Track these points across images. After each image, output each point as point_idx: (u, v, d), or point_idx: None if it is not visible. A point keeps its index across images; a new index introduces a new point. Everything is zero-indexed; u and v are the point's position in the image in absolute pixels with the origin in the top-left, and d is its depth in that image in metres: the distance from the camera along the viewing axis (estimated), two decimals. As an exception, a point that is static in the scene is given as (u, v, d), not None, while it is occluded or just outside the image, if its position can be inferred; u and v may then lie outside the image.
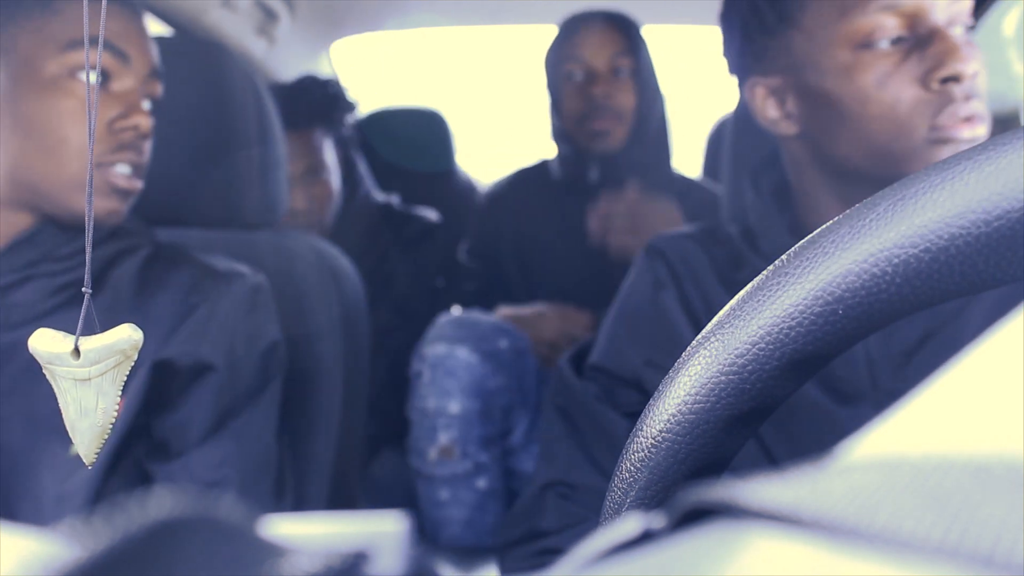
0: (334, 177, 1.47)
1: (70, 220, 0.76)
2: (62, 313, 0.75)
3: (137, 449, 0.80)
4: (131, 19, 0.78)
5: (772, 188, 0.81)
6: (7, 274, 0.75)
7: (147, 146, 0.79)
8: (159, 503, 0.14)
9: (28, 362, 0.43)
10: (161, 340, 0.79)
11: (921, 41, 0.67)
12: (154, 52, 0.80)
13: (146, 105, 0.79)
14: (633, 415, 0.76)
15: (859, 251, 0.28)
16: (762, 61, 0.76)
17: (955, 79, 0.66)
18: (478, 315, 1.33)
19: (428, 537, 1.29)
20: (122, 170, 0.76)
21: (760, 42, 0.75)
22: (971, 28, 0.69)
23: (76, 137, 0.74)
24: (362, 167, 1.68)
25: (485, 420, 1.25)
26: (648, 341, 0.78)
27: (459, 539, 1.27)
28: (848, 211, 0.29)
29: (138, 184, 0.78)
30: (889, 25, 0.67)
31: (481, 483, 1.27)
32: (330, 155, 1.47)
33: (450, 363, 1.25)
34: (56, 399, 0.42)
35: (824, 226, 0.29)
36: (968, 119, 0.66)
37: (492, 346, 1.27)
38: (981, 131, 0.67)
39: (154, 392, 0.79)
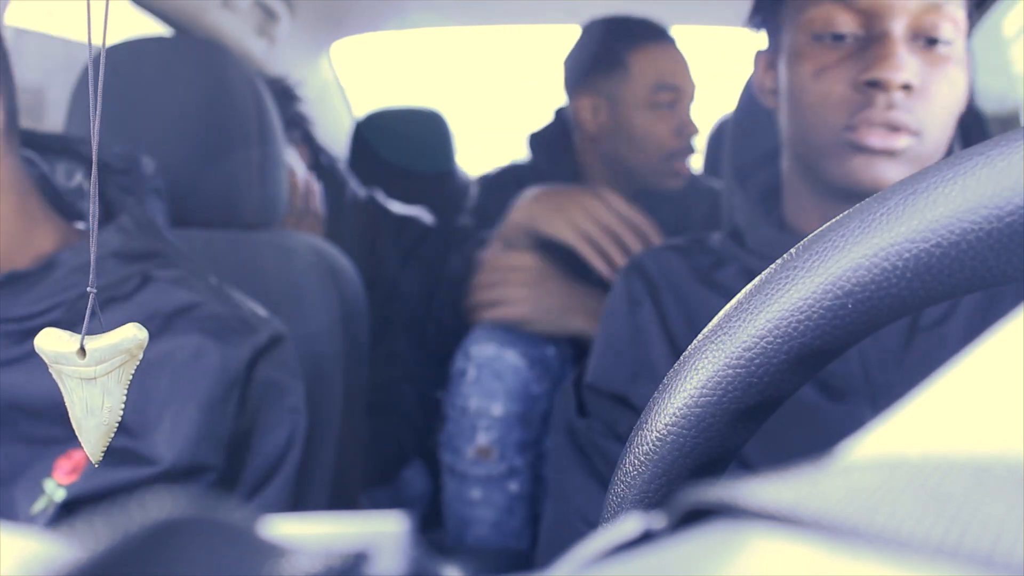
0: (297, 173, 1.40)
1: None
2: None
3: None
4: None
5: (762, 187, 0.82)
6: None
7: None
8: (159, 503, 0.14)
9: None
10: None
11: (868, 42, 0.67)
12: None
13: None
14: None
15: (870, 245, 0.27)
16: (768, 34, 0.79)
17: (878, 84, 0.65)
18: None
19: (451, 534, 1.29)
20: None
21: (765, 15, 0.78)
22: (947, 43, 0.67)
23: None
24: (342, 167, 1.65)
25: (525, 425, 1.25)
26: (630, 358, 0.78)
27: (485, 540, 1.27)
28: (858, 205, 0.29)
29: None
30: (839, 20, 0.67)
31: (513, 486, 1.26)
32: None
33: (498, 365, 1.24)
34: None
35: (833, 220, 0.29)
36: (885, 127, 0.65)
37: (540, 352, 1.26)
38: (900, 143, 0.65)
39: None
